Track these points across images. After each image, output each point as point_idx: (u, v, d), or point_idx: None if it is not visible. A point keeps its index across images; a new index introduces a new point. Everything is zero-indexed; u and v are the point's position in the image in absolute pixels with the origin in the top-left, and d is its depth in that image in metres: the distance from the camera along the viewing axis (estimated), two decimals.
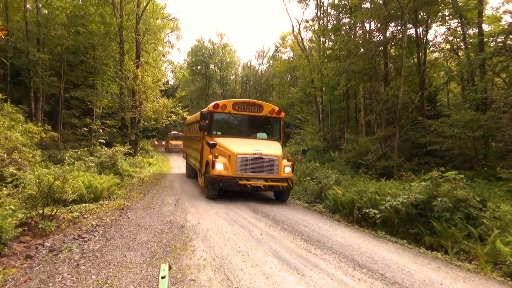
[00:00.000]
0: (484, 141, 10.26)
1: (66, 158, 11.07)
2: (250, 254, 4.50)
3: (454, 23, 13.68)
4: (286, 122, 10.29)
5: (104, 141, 15.31)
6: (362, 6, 16.90)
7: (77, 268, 3.81)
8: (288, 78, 37.58)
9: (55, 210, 5.74)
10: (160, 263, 3.95)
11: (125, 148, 12.99)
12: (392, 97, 12.47)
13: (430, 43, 14.41)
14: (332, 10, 20.88)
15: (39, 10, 17.12)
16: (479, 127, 9.27)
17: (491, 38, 11.67)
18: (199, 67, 49.98)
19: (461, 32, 13.25)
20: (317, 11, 22.41)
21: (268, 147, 8.75)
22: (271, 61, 46.15)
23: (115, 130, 20.60)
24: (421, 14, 13.56)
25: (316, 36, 23.47)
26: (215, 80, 50.05)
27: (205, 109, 9.98)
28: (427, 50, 14.24)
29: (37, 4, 16.94)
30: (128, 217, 6.34)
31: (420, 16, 13.56)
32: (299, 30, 25.00)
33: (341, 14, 20.02)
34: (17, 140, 8.51)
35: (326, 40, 22.22)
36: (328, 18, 21.78)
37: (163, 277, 2.46)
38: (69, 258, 4.13)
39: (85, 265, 3.90)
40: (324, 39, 22.13)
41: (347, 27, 19.39)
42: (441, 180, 6.19)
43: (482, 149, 10.37)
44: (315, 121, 22.81)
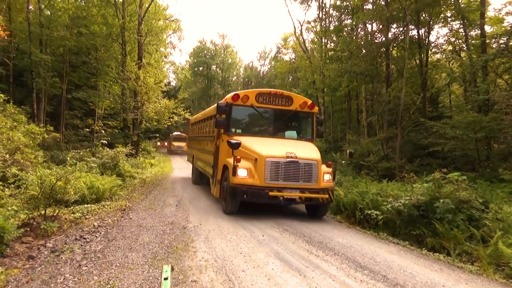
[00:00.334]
0: (486, 142, 10.25)
1: (68, 159, 11.12)
2: (251, 255, 4.50)
3: (456, 24, 13.72)
4: (320, 119, 8.45)
5: (106, 142, 15.32)
6: (364, 7, 16.93)
7: (79, 269, 3.81)
8: (290, 79, 37.54)
9: (57, 211, 5.74)
10: (162, 264, 3.94)
11: (127, 149, 13.00)
12: (394, 98, 12.47)
13: (432, 45, 14.44)
14: (334, 12, 20.97)
15: (41, 11, 17.22)
16: (481, 128, 9.25)
17: (494, 40, 11.69)
18: (201, 68, 50.17)
19: (463, 33, 13.26)
20: (319, 12, 22.49)
21: (303, 149, 7.11)
22: (272, 62, 46.21)
23: (117, 131, 20.60)
24: (423, 15, 13.58)
25: (318, 37, 23.53)
26: (217, 81, 50.22)
27: (223, 101, 8.18)
28: (429, 51, 14.26)
29: (39, 5, 17.05)
30: (130, 218, 6.34)
31: (422, 18, 13.58)
32: (301, 31, 25.13)
33: (343, 16, 20.08)
34: (19, 141, 8.51)
35: (328, 41, 22.27)
36: (330, 19, 21.86)
37: (165, 279, 2.46)
38: (71, 259, 4.13)
39: (87, 266, 3.90)
40: (326, 40, 22.18)
41: (349, 28, 19.43)
42: (443, 182, 6.18)
43: (484, 151, 10.36)
44: None
